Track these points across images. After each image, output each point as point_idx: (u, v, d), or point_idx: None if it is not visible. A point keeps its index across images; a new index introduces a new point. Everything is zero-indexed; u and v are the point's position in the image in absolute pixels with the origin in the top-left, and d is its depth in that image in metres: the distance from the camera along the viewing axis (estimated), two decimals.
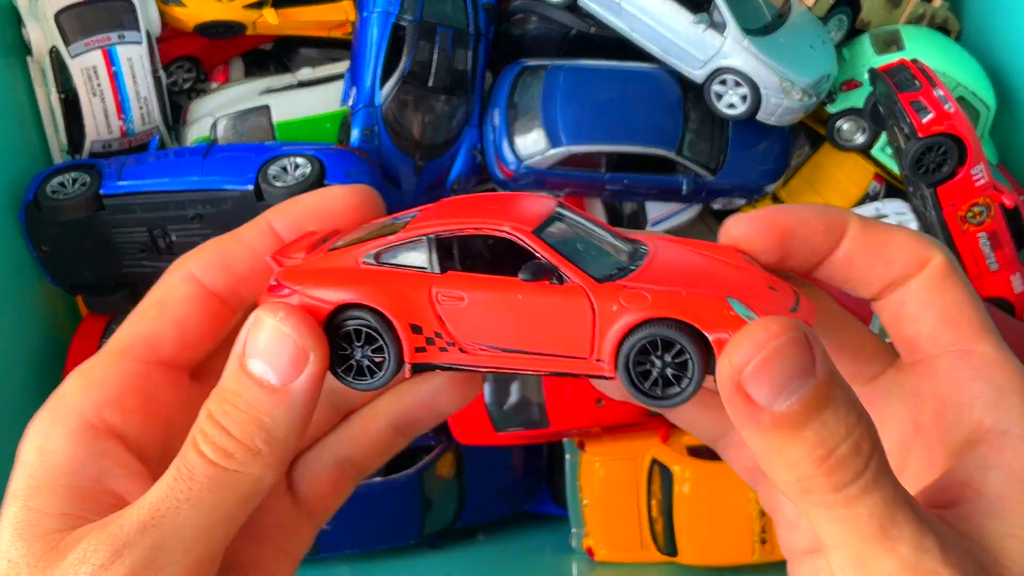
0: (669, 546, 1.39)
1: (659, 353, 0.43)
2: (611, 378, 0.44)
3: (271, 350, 0.44)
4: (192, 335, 0.50)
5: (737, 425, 0.40)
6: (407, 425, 0.54)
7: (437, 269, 0.46)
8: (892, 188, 1.60)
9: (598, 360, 0.44)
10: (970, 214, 1.39)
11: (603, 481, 1.41)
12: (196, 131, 1.52)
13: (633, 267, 0.45)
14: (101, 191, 1.34)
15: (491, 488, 1.53)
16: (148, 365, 0.49)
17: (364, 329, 0.46)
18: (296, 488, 0.53)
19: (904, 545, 0.38)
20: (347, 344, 0.46)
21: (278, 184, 1.32)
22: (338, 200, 0.51)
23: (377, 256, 0.47)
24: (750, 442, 0.40)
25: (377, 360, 0.46)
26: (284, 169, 1.34)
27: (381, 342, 0.46)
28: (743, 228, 0.47)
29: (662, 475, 1.39)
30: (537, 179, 1.50)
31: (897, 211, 1.50)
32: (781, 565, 0.51)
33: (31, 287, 1.42)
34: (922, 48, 1.53)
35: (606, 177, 1.50)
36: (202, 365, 0.52)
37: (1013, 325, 1.40)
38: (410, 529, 1.47)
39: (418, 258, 0.47)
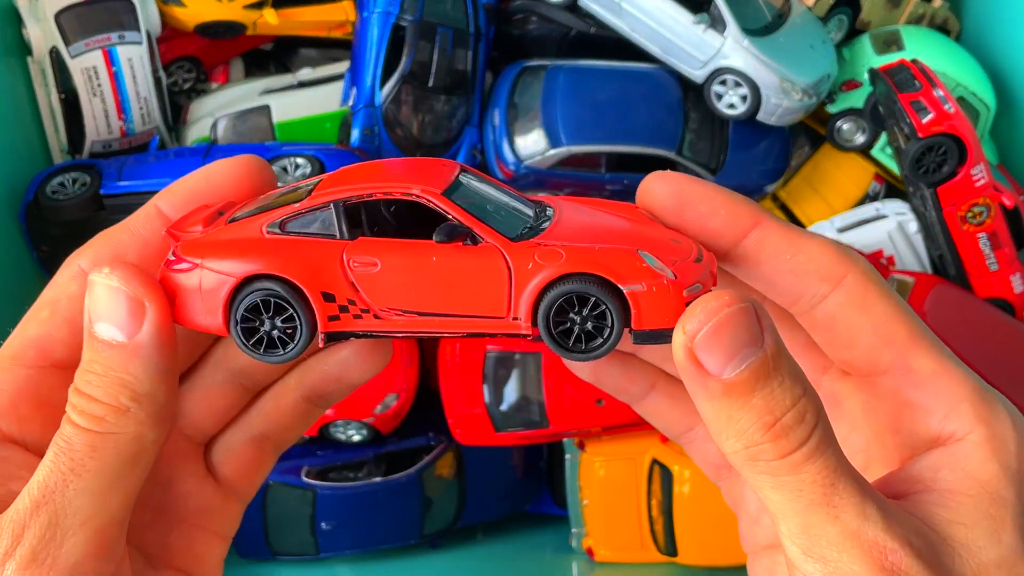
0: (669, 546, 1.39)
1: (577, 309, 0.44)
2: (529, 335, 0.45)
3: (109, 309, 0.44)
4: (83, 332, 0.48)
5: (691, 394, 0.41)
6: (319, 397, 0.54)
7: (347, 235, 0.46)
8: (892, 188, 1.60)
9: (515, 319, 0.44)
10: (970, 214, 1.39)
11: (603, 481, 1.41)
12: (196, 131, 1.52)
13: (542, 227, 0.46)
14: (101, 191, 1.34)
15: (491, 488, 1.53)
16: (41, 370, 0.48)
17: (273, 300, 0.45)
18: (216, 470, 0.53)
19: (847, 512, 0.39)
20: (255, 316, 0.45)
21: (278, 184, 1.32)
22: (224, 173, 0.51)
23: (282, 225, 0.46)
24: (702, 411, 0.41)
25: (288, 331, 0.45)
26: (284, 169, 1.35)
27: (292, 312, 0.45)
28: (652, 182, 0.49)
29: (662, 475, 1.39)
30: (537, 179, 1.50)
31: (897, 211, 1.50)
32: None
33: (31, 287, 1.42)
34: (922, 48, 1.53)
35: (606, 177, 1.50)
36: None
37: (1013, 325, 1.40)
38: (410, 529, 1.47)
39: (325, 225, 0.46)
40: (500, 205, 0.47)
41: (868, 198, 1.60)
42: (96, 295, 0.44)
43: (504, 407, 1.42)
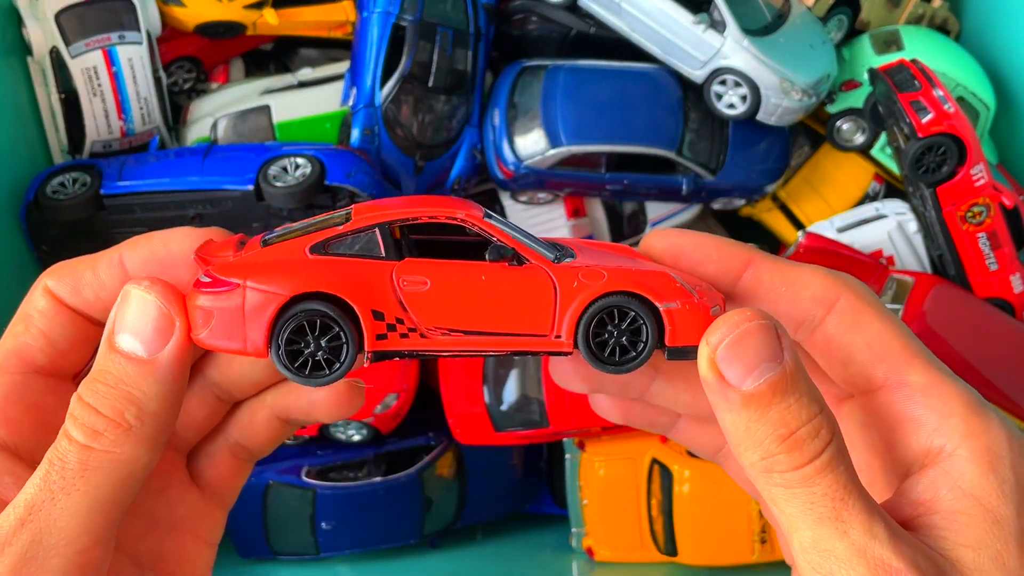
0: (669, 546, 1.39)
1: (616, 323, 0.46)
2: (569, 352, 0.47)
3: (138, 321, 0.43)
4: (60, 342, 0.50)
5: (714, 407, 0.43)
6: (289, 419, 0.55)
7: (394, 256, 0.46)
8: (892, 188, 1.60)
9: (557, 337, 0.47)
10: (970, 214, 1.39)
11: (603, 481, 1.41)
12: (196, 131, 1.52)
13: (570, 256, 0.48)
14: (101, 191, 1.34)
15: (491, 488, 1.53)
16: (24, 376, 0.49)
17: (319, 320, 0.45)
18: (200, 476, 0.55)
19: (855, 529, 0.41)
20: (299, 338, 0.45)
21: (278, 184, 1.32)
22: (185, 242, 0.49)
23: (325, 246, 0.46)
24: (723, 423, 0.43)
25: (333, 351, 0.45)
26: (284, 169, 1.35)
27: (338, 331, 0.45)
28: (650, 241, 0.51)
29: (662, 475, 1.39)
30: (537, 179, 1.50)
31: (897, 211, 1.50)
32: (781, 565, 0.52)
33: (31, 287, 1.42)
34: (922, 48, 1.53)
35: (606, 177, 1.50)
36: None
37: (1013, 325, 1.40)
38: (410, 529, 1.47)
39: (369, 247, 0.46)
40: (529, 236, 0.49)
41: (868, 198, 1.60)
42: (128, 305, 0.44)
43: (504, 407, 1.42)
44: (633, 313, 0.46)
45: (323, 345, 0.45)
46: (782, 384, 0.42)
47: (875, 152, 1.56)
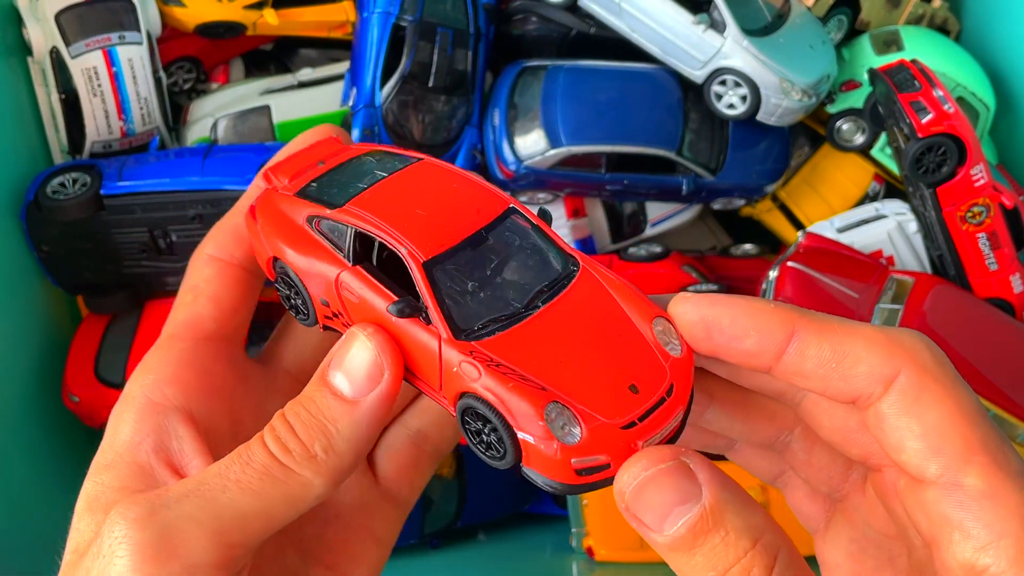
0: None
1: (481, 422, 0.44)
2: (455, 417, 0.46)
3: (353, 363, 0.45)
4: (228, 306, 0.54)
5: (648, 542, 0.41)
6: None
7: (351, 259, 0.48)
8: (892, 188, 1.60)
9: (444, 399, 0.46)
10: (970, 214, 1.39)
11: None
12: (196, 131, 1.52)
13: (514, 319, 0.45)
14: (101, 191, 1.34)
15: (491, 488, 1.53)
16: (195, 342, 0.52)
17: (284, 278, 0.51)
18: (376, 467, 0.54)
19: None
20: (285, 288, 0.51)
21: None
22: (323, 136, 0.55)
23: (316, 222, 0.50)
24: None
25: (301, 306, 0.51)
26: None
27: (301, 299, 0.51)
28: (678, 308, 0.45)
29: None
30: (537, 179, 1.50)
31: (897, 211, 1.50)
32: None
33: (31, 287, 1.42)
34: (922, 48, 1.53)
35: (606, 177, 1.50)
36: (266, 353, 0.57)
37: (1013, 325, 1.40)
38: (410, 529, 1.47)
39: (341, 239, 0.48)
40: (490, 279, 0.46)
41: (868, 198, 1.60)
42: (348, 346, 0.46)
43: None
44: (494, 424, 0.43)
45: (298, 297, 0.51)
46: (703, 525, 0.39)
47: (875, 152, 1.56)
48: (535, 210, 0.49)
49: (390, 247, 0.46)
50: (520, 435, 0.42)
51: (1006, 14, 1.58)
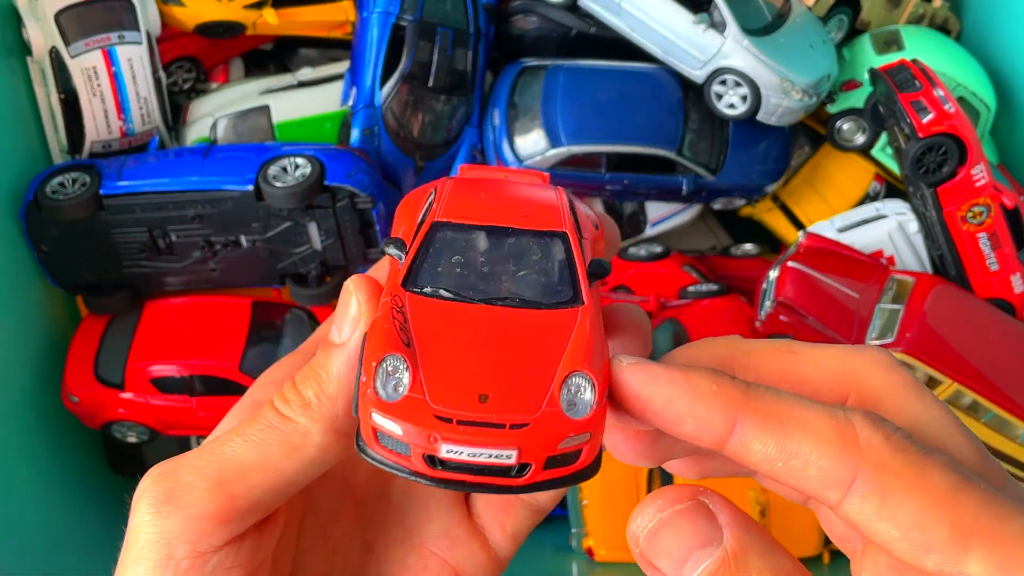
0: None
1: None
2: None
3: (341, 312, 0.45)
4: None
5: None
6: None
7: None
8: (892, 188, 1.60)
9: None
10: (970, 214, 1.39)
11: (603, 481, 1.41)
12: (196, 131, 1.52)
13: (458, 298, 0.43)
14: (101, 191, 1.34)
15: None
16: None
17: None
18: (472, 502, 0.52)
19: None
20: None
21: (278, 184, 1.32)
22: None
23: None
24: None
25: None
26: (284, 169, 1.34)
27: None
28: (623, 373, 0.41)
29: (662, 475, 1.39)
30: None
31: (897, 211, 1.50)
32: None
33: (31, 287, 1.42)
34: (922, 48, 1.53)
35: (606, 177, 1.50)
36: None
37: (1013, 325, 1.40)
38: None
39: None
40: (479, 269, 0.45)
41: (868, 198, 1.60)
42: (341, 299, 0.46)
43: None
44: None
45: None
46: (725, 571, 0.36)
47: (875, 152, 1.56)
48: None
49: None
50: (361, 370, 0.41)
51: (1006, 14, 1.58)
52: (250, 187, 1.33)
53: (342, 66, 1.55)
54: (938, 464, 0.37)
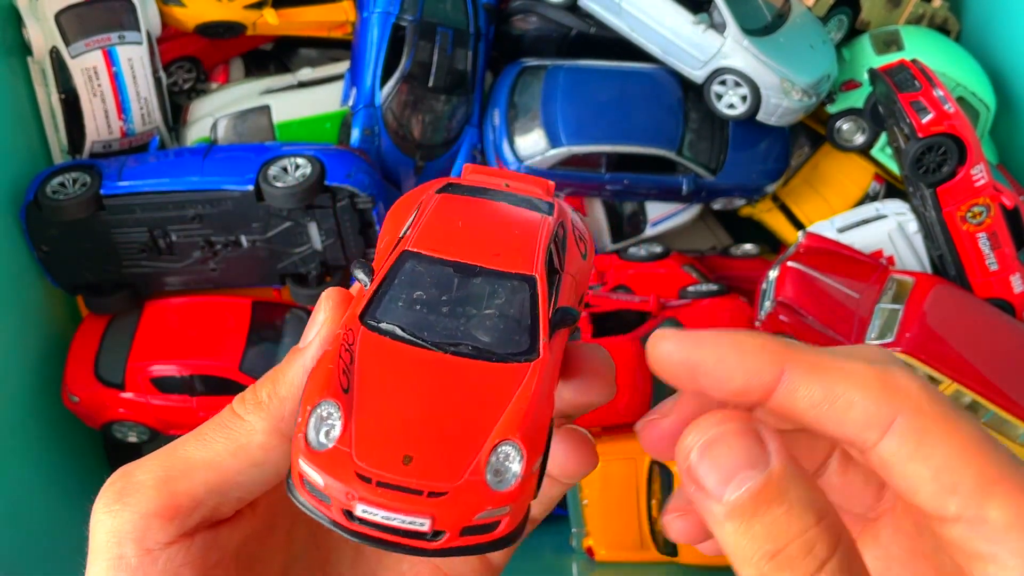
0: (669, 546, 1.39)
1: None
2: None
3: (311, 319, 0.46)
4: None
5: (700, 513, 0.39)
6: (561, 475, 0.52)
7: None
8: (892, 188, 1.60)
9: None
10: (970, 214, 1.39)
11: (603, 481, 1.41)
12: (196, 131, 1.52)
13: (411, 342, 0.43)
14: (101, 191, 1.34)
15: None
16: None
17: None
18: None
19: None
20: None
21: (278, 184, 1.32)
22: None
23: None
24: (712, 531, 0.39)
25: None
26: (284, 169, 1.34)
27: None
28: (656, 348, 0.43)
29: (662, 475, 1.39)
30: None
31: (897, 211, 1.50)
32: None
33: (31, 287, 1.42)
34: (922, 48, 1.53)
35: (606, 177, 1.50)
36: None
37: (1013, 325, 1.40)
38: None
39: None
40: (438, 308, 0.44)
41: (868, 198, 1.60)
42: (315, 308, 0.47)
43: None
44: None
45: None
46: (766, 494, 0.37)
47: (875, 152, 1.56)
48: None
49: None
50: (299, 411, 0.41)
51: (1006, 14, 1.58)
52: (250, 187, 1.33)
53: (342, 66, 1.55)
54: (969, 419, 0.40)
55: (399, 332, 0.43)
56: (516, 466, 0.39)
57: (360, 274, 0.44)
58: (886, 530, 0.48)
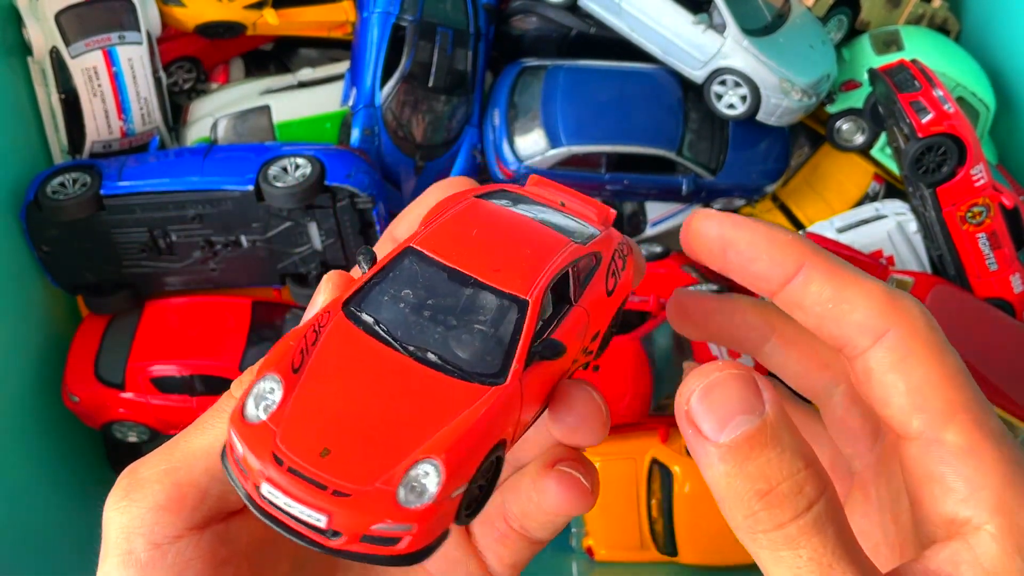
0: (669, 546, 1.39)
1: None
2: None
3: (311, 300, 0.48)
4: None
5: (695, 459, 0.41)
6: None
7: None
8: (892, 188, 1.60)
9: None
10: (970, 214, 1.39)
11: (603, 481, 1.40)
12: (196, 131, 1.52)
13: (382, 338, 0.42)
14: (101, 191, 1.34)
15: None
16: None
17: None
18: (471, 531, 0.52)
19: None
20: None
21: (278, 184, 1.32)
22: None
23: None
24: (705, 477, 0.41)
25: None
26: (284, 169, 1.35)
27: None
28: (699, 223, 0.47)
29: (662, 475, 1.39)
30: None
31: (897, 211, 1.50)
32: None
33: (31, 287, 1.42)
34: (922, 48, 1.53)
35: (606, 177, 1.50)
36: None
37: (1013, 325, 1.40)
38: None
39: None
40: (421, 310, 0.43)
41: (868, 198, 1.60)
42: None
43: None
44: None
45: None
46: (760, 437, 0.39)
47: (875, 152, 1.56)
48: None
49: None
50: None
51: (1006, 14, 1.58)
52: (250, 187, 1.33)
53: (342, 66, 1.55)
54: (955, 354, 0.43)
55: (373, 326, 0.42)
56: (432, 487, 0.38)
57: (362, 261, 0.44)
58: (870, 484, 0.51)
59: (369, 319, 0.43)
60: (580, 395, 0.45)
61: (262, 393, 0.40)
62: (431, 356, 0.42)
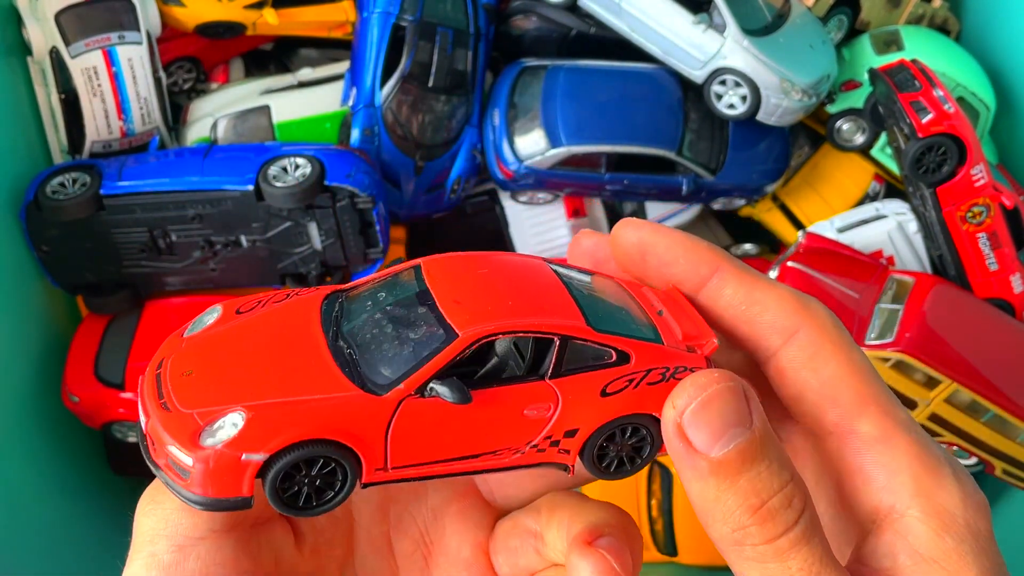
0: (669, 546, 1.39)
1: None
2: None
3: None
4: None
5: (680, 476, 0.41)
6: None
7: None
8: (892, 188, 1.60)
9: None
10: (970, 214, 1.39)
11: (603, 481, 1.41)
12: (196, 131, 1.52)
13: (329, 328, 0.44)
14: (101, 191, 1.34)
15: None
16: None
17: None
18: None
19: None
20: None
21: (278, 184, 1.32)
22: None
23: None
24: (690, 493, 0.41)
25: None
26: (284, 169, 1.34)
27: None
28: (620, 230, 0.48)
29: (662, 475, 1.39)
30: (537, 179, 1.50)
31: (897, 211, 1.50)
32: None
33: (31, 287, 1.42)
34: (922, 48, 1.53)
35: (606, 177, 1.50)
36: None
37: (1013, 325, 1.40)
38: None
39: None
40: (374, 317, 0.45)
41: (868, 198, 1.60)
42: None
43: None
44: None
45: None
46: (751, 451, 0.39)
47: (875, 152, 1.56)
48: None
49: None
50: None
51: (1006, 14, 1.58)
52: (250, 187, 1.33)
53: (342, 66, 1.55)
54: (862, 353, 0.45)
55: (329, 310, 0.45)
56: (225, 435, 0.39)
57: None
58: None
59: (331, 307, 0.45)
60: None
61: (202, 318, 0.45)
62: (344, 352, 0.43)
